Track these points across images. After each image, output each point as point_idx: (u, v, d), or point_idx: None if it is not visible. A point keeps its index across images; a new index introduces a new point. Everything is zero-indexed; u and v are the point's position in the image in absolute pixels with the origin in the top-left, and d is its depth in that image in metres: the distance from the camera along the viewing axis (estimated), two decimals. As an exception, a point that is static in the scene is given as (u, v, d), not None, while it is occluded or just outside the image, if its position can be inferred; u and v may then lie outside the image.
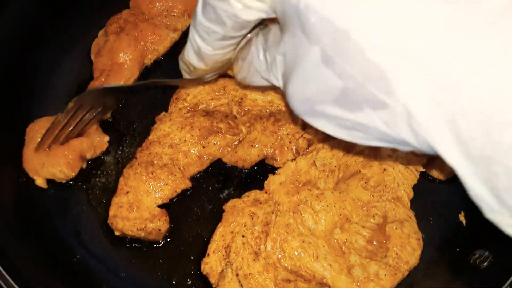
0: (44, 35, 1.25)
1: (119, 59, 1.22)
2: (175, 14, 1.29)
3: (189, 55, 0.83)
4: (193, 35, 0.78)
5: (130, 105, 1.23)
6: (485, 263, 0.99)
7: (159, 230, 1.04)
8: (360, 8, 0.52)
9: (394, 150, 1.10)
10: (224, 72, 0.97)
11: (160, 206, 1.06)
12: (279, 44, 0.70)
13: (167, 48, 1.28)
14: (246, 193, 1.08)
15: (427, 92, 0.52)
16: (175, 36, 1.29)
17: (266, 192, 1.08)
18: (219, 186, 1.15)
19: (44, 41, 1.25)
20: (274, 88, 1.17)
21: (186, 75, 0.95)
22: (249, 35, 0.81)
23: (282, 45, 0.67)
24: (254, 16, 0.69)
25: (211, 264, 1.00)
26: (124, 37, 1.23)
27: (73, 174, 1.10)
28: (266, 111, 1.18)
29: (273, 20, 0.77)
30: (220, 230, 1.03)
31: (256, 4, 0.67)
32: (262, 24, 0.80)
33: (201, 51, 0.79)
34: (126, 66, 1.21)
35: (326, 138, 1.13)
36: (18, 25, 1.20)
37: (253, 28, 0.78)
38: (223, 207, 1.06)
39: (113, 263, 1.06)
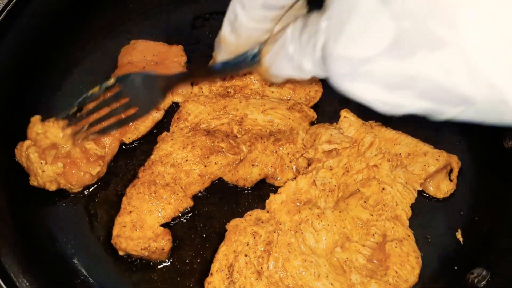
0: (47, 56, 1.27)
1: None
2: None
3: (223, 27, 0.80)
4: (233, 4, 0.76)
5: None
6: (483, 282, 1.01)
7: (163, 249, 1.04)
8: None
9: (392, 170, 1.12)
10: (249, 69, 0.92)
11: (163, 225, 1.07)
12: (322, 15, 0.66)
13: (148, 128, 1.21)
14: (248, 212, 1.09)
15: (493, 32, 0.49)
16: (158, 115, 1.22)
17: (267, 211, 1.09)
18: (220, 205, 1.15)
19: (46, 62, 1.27)
20: (274, 107, 1.19)
21: (218, 57, 0.90)
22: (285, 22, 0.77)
23: (327, 9, 0.62)
24: None
25: (214, 284, 1.01)
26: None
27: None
28: (266, 131, 1.20)
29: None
30: (222, 249, 1.04)
31: None
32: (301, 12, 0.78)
33: (237, 21, 0.76)
34: (103, 142, 1.15)
35: (326, 157, 1.14)
36: (20, 48, 1.20)
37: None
38: (226, 226, 1.07)
39: (115, 284, 1.06)
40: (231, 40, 0.80)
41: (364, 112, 1.24)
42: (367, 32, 0.57)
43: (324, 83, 1.27)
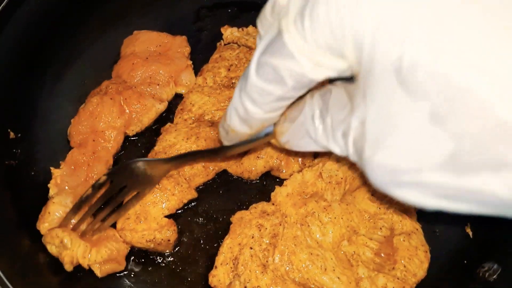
0: (49, 46, 1.25)
1: (100, 126, 1.12)
2: (160, 83, 1.20)
3: (231, 119, 0.74)
4: (241, 99, 0.70)
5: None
6: (494, 276, 0.99)
7: (168, 240, 1.03)
8: (483, 61, 0.47)
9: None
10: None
11: (167, 216, 1.05)
12: (350, 107, 0.63)
13: (151, 120, 1.19)
14: (254, 205, 1.07)
15: None
16: (161, 107, 1.19)
17: (273, 204, 1.07)
18: (225, 197, 1.14)
19: (49, 53, 1.25)
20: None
21: (225, 142, 0.84)
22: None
23: (360, 108, 0.59)
24: (323, 75, 0.61)
25: (219, 277, 0.99)
26: (108, 101, 1.13)
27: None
28: (271, 122, 1.18)
29: (333, 81, 0.70)
30: (227, 242, 1.02)
31: (332, 61, 0.59)
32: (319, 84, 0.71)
33: (249, 115, 0.71)
34: (108, 135, 1.12)
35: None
36: (22, 38, 1.19)
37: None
38: (231, 219, 1.05)
39: (120, 276, 1.04)
40: (243, 130, 0.76)
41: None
42: (417, 147, 0.54)
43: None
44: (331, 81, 0.69)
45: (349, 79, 0.63)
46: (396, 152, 0.56)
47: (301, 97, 0.71)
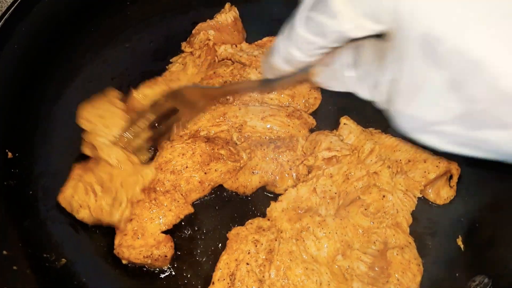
0: (47, 64, 1.26)
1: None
2: None
3: (275, 59, 0.83)
4: (284, 46, 0.79)
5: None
6: (485, 290, 1.01)
7: (165, 256, 1.03)
8: (495, 40, 0.57)
9: (392, 177, 1.12)
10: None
11: (164, 232, 1.06)
12: (381, 63, 0.72)
13: None
14: (249, 221, 1.09)
15: None
16: None
17: (268, 219, 1.09)
18: (221, 212, 1.15)
19: (46, 71, 1.26)
20: (273, 114, 1.19)
21: (268, 76, 0.94)
22: None
23: (392, 67, 0.68)
24: (362, 34, 0.70)
25: (216, 293, 1.00)
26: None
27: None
28: (265, 138, 1.19)
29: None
30: (224, 258, 1.03)
31: (370, 25, 0.67)
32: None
33: (294, 58, 0.80)
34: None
35: (326, 164, 1.14)
36: (20, 56, 1.20)
37: None
38: (227, 234, 1.06)
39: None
40: (286, 69, 0.84)
41: (364, 119, 1.24)
42: (438, 105, 0.64)
43: (323, 90, 1.27)
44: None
45: (381, 36, 0.71)
46: (422, 107, 0.66)
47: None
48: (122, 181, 1.09)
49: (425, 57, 0.62)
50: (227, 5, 1.38)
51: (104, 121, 1.13)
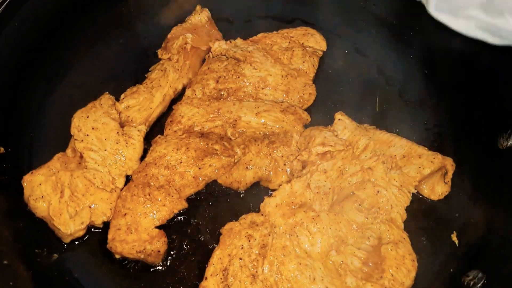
0: (39, 60, 1.26)
1: None
2: None
3: None
4: None
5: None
6: (479, 285, 1.00)
7: (158, 251, 1.03)
8: None
9: (386, 172, 1.12)
10: None
11: (157, 227, 1.06)
12: None
13: None
14: (243, 216, 1.08)
15: None
16: None
17: (262, 215, 1.08)
18: (214, 208, 1.14)
19: (39, 66, 1.25)
20: (268, 110, 1.19)
21: None
22: None
23: None
24: None
25: (209, 288, 1.00)
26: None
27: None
28: (260, 133, 1.19)
29: None
30: (217, 253, 1.02)
31: None
32: None
33: None
34: None
35: (321, 160, 1.14)
36: (12, 52, 1.20)
37: None
38: (220, 230, 1.06)
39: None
40: None
41: (359, 116, 1.24)
42: None
43: (318, 86, 1.27)
44: None
45: None
46: None
47: None
48: (93, 202, 1.06)
49: None
50: (198, 7, 1.39)
51: (97, 133, 1.12)
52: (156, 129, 1.23)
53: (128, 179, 1.14)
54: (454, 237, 1.12)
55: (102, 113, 1.14)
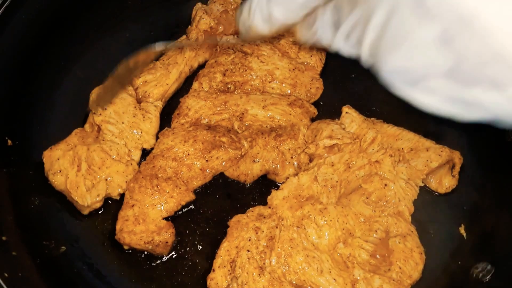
0: (45, 53, 1.25)
1: None
2: None
3: (255, 18, 0.81)
4: (267, 2, 0.77)
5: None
6: (488, 277, 1.00)
7: (166, 242, 1.03)
8: None
9: (394, 165, 1.12)
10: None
11: (165, 219, 1.06)
12: (364, 15, 0.70)
13: None
14: (251, 208, 1.08)
15: None
16: None
17: (269, 207, 1.08)
18: (222, 200, 1.14)
19: (45, 59, 1.25)
20: (275, 103, 1.19)
21: (243, 38, 0.92)
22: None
23: (376, 17, 0.65)
24: None
25: (216, 280, 1.00)
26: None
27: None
28: (267, 126, 1.19)
29: None
30: (225, 245, 1.03)
31: None
32: None
33: (272, 18, 0.78)
34: None
35: (328, 153, 1.14)
36: (18, 44, 1.19)
37: None
38: (228, 222, 1.06)
39: (117, 280, 1.05)
40: (264, 30, 0.82)
41: (366, 109, 1.24)
42: (426, 57, 0.61)
43: (325, 80, 1.27)
44: None
45: None
46: (409, 58, 0.63)
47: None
48: (109, 175, 1.09)
49: (415, 6, 0.59)
50: None
51: (115, 107, 1.16)
52: (163, 122, 1.22)
53: (144, 153, 1.16)
54: (462, 230, 1.11)
55: (119, 88, 1.18)
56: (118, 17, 1.39)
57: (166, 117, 1.22)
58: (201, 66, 1.31)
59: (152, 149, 1.15)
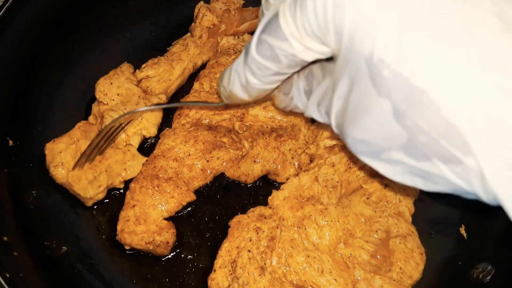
0: (46, 53, 1.25)
1: None
2: None
3: (234, 86, 0.80)
4: (243, 70, 0.76)
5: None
6: (488, 277, 1.00)
7: (167, 242, 1.03)
8: (439, 68, 0.53)
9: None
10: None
11: (166, 219, 1.06)
12: (330, 86, 0.71)
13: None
14: (251, 209, 1.08)
15: (502, 154, 0.53)
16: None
17: (270, 208, 1.08)
18: (223, 200, 1.15)
19: (45, 60, 1.25)
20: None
21: (224, 100, 0.91)
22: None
23: (339, 90, 0.66)
24: (313, 57, 0.68)
25: (217, 280, 1.00)
26: None
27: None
28: (267, 127, 1.19)
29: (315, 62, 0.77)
30: (225, 245, 1.03)
31: (318, 47, 0.65)
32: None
33: (249, 85, 0.77)
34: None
35: (328, 153, 1.14)
36: (19, 45, 1.19)
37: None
38: (229, 222, 1.06)
39: (118, 281, 1.05)
40: (244, 97, 0.82)
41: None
42: (380, 131, 0.61)
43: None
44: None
45: (330, 58, 0.70)
46: (368, 131, 0.63)
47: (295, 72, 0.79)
48: (109, 166, 1.10)
49: (369, 82, 0.59)
50: None
51: (121, 98, 1.17)
52: (163, 122, 1.22)
53: (144, 149, 1.17)
54: (462, 230, 1.11)
55: (125, 79, 1.20)
56: (119, 18, 1.39)
57: (167, 117, 1.22)
58: (204, 65, 1.31)
59: (153, 146, 1.16)
